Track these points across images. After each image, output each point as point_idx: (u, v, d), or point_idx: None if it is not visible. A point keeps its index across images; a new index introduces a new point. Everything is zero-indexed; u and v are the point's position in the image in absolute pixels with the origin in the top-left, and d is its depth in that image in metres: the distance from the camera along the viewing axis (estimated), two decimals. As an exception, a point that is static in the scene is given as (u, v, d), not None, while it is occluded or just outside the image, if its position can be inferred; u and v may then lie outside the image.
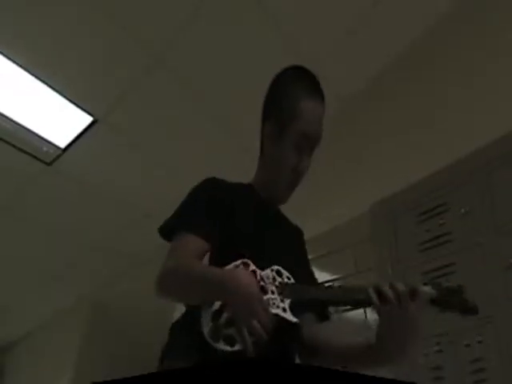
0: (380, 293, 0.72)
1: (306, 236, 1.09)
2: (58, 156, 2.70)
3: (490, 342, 1.33)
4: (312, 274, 1.02)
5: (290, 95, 0.98)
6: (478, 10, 1.94)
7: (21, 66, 2.22)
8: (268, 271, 0.77)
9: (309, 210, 2.05)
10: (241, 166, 2.74)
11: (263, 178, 1.03)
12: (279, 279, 0.76)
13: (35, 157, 2.68)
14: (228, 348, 0.65)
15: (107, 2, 1.99)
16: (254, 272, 0.75)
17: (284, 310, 0.71)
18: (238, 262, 0.77)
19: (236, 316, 0.66)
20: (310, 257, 1.06)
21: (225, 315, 0.69)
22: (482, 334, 1.35)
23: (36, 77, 2.28)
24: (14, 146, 2.61)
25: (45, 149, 2.64)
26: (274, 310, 0.70)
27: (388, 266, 1.70)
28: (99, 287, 3.95)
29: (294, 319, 0.72)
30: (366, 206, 1.91)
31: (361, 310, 1.75)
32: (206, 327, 0.68)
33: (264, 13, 2.06)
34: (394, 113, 2.17)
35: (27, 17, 2.04)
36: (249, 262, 0.77)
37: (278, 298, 0.72)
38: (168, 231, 0.90)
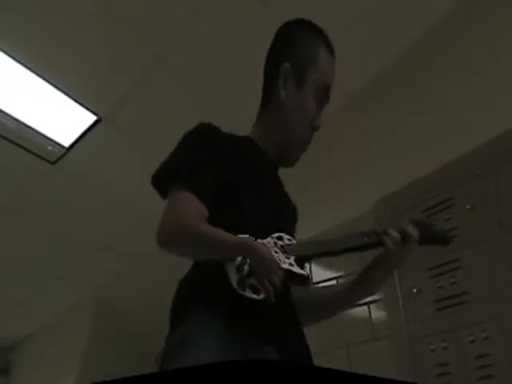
0: (388, 235, 0.80)
1: (310, 234, 1.09)
2: (62, 155, 2.71)
3: (495, 338, 1.32)
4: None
5: (310, 43, 0.95)
6: (478, 9, 1.92)
7: (24, 65, 2.23)
8: (268, 239, 0.79)
9: (312, 208, 2.04)
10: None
11: (270, 132, 0.94)
12: (280, 242, 0.79)
13: (39, 156, 2.70)
14: (255, 296, 0.70)
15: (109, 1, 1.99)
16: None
17: (291, 265, 0.75)
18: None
19: (257, 271, 0.70)
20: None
21: (246, 267, 0.72)
22: (487, 330, 1.34)
23: (40, 76, 2.28)
24: (18, 144, 2.63)
25: (49, 148, 2.66)
26: (284, 266, 0.73)
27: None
28: (102, 286, 3.98)
29: (304, 272, 0.76)
30: (370, 203, 1.91)
31: (364, 308, 1.74)
32: (234, 278, 0.71)
33: (265, 12, 2.05)
34: (396, 110, 2.16)
35: (30, 16, 2.05)
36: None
37: (283, 255, 0.76)
38: (162, 181, 0.84)
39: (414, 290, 1.58)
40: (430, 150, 1.85)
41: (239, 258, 0.72)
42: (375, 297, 1.71)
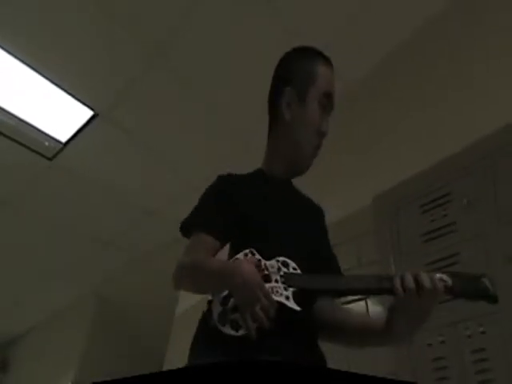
0: (402, 281, 0.73)
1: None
2: (60, 151, 2.70)
3: (492, 332, 1.33)
4: (331, 259, 1.00)
5: (307, 62, 1.03)
6: (482, 2, 1.91)
7: (21, 60, 2.21)
8: (273, 262, 0.78)
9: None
10: (241, 162, 2.75)
11: (280, 152, 1.02)
12: (284, 269, 0.77)
13: (36, 151, 2.69)
14: (233, 332, 0.67)
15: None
16: (259, 261, 0.78)
17: (287, 298, 0.72)
18: (247, 250, 0.80)
19: (239, 303, 0.69)
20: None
21: (232, 300, 0.72)
22: (484, 324, 1.35)
23: (36, 71, 2.27)
24: (15, 140, 2.62)
25: (46, 143, 2.64)
26: (277, 298, 0.71)
27: (391, 258, 1.70)
28: (102, 283, 3.98)
29: (297, 307, 0.72)
30: (368, 198, 1.91)
31: (362, 303, 1.75)
32: (216, 312, 0.71)
33: (264, 6, 2.03)
34: (394, 105, 2.15)
35: (28, 12, 2.03)
36: (254, 251, 0.80)
37: (282, 287, 0.74)
38: (185, 230, 0.96)
39: (412, 285, 1.59)
40: (427, 146, 1.85)
41: (226, 291, 0.72)
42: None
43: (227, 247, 0.93)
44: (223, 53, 2.24)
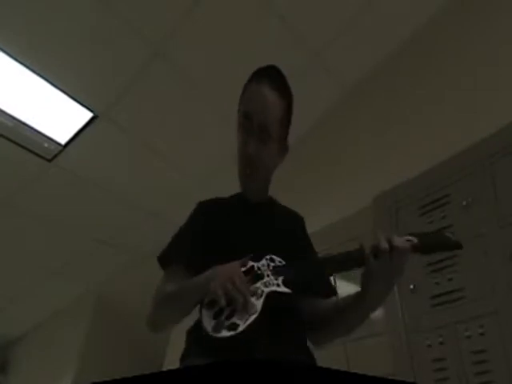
0: (377, 246, 0.77)
1: (310, 230, 1.08)
2: (59, 152, 2.69)
3: (491, 333, 1.33)
4: (307, 250, 1.02)
5: (245, 85, 1.02)
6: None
7: (20, 62, 2.21)
8: (263, 261, 0.84)
9: (311, 204, 2.04)
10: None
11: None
12: (272, 264, 0.84)
13: (36, 153, 2.68)
14: (230, 333, 0.69)
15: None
16: (252, 267, 0.82)
17: (278, 285, 0.78)
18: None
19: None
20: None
21: (226, 311, 0.74)
22: (483, 325, 1.35)
23: (36, 73, 2.27)
24: (14, 142, 2.61)
25: (45, 145, 2.64)
26: (271, 288, 0.77)
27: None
28: (101, 283, 3.97)
29: (288, 290, 0.78)
30: (368, 199, 1.91)
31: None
32: (209, 325, 0.73)
33: (265, 5, 2.04)
34: (394, 105, 2.16)
35: (26, 13, 2.03)
36: (246, 260, 0.83)
37: (273, 278, 0.80)
38: (161, 263, 1.00)
39: (411, 286, 1.59)
40: (427, 148, 1.85)
41: (217, 307, 0.74)
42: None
43: None
44: (224, 52, 2.24)
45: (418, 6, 2.09)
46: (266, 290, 0.77)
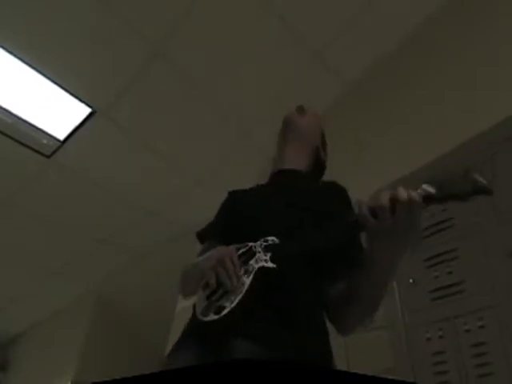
0: (376, 205, 0.70)
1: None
2: (58, 148, 2.69)
3: (490, 326, 1.33)
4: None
5: None
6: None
7: (19, 58, 2.21)
8: (259, 241, 0.86)
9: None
10: (242, 161, 2.75)
11: None
12: (265, 243, 0.86)
13: (34, 149, 2.68)
14: (216, 317, 0.71)
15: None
16: (250, 248, 0.85)
17: (266, 261, 0.81)
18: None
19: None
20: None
21: (218, 293, 0.77)
22: (483, 319, 1.36)
23: (34, 68, 2.26)
24: (12, 138, 2.61)
25: (44, 141, 2.64)
26: (260, 264, 0.80)
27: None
28: (101, 282, 3.98)
29: (272, 265, 0.80)
30: (367, 194, 1.90)
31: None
32: (200, 307, 0.77)
33: (265, 4, 2.03)
34: (394, 105, 2.15)
35: (25, 10, 2.02)
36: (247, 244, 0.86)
37: (263, 254, 0.83)
38: (199, 239, 1.09)
39: (411, 280, 1.59)
40: (425, 143, 1.85)
41: (210, 289, 0.78)
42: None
43: None
44: (224, 52, 2.23)
45: (418, 5, 2.08)
46: (256, 265, 0.79)
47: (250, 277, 0.77)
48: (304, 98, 2.37)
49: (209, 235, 1.06)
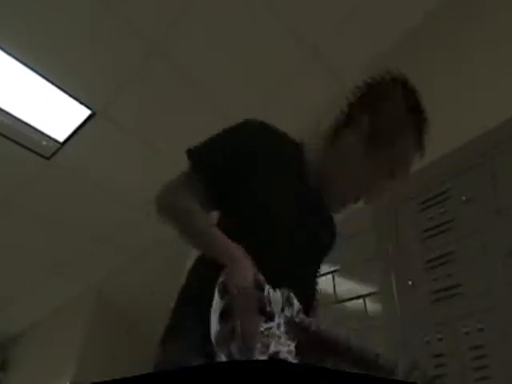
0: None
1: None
2: (57, 150, 2.69)
3: (490, 329, 1.33)
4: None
5: None
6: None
7: (18, 59, 2.21)
8: (278, 294, 0.65)
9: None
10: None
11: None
12: (288, 311, 0.65)
13: (34, 151, 2.68)
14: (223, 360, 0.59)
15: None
16: (263, 290, 0.64)
17: (290, 352, 0.62)
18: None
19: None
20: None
21: (230, 323, 0.61)
22: (482, 321, 1.36)
23: (34, 70, 2.27)
24: (12, 140, 2.61)
25: (44, 143, 2.64)
26: (279, 348, 0.61)
27: (389, 256, 1.71)
28: (101, 281, 3.98)
29: (294, 359, 0.63)
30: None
31: (360, 300, 1.76)
32: (214, 328, 0.62)
33: (263, 1, 2.03)
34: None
35: (26, 13, 2.02)
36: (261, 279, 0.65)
37: (285, 337, 0.62)
38: (189, 156, 0.88)
39: (410, 283, 1.59)
40: (426, 143, 1.85)
41: (221, 303, 0.61)
42: (370, 290, 1.73)
43: None
44: (224, 51, 2.23)
45: (417, 1, 2.08)
46: (273, 349, 0.60)
47: (263, 356, 0.59)
48: (305, 97, 2.38)
49: (202, 167, 0.83)
